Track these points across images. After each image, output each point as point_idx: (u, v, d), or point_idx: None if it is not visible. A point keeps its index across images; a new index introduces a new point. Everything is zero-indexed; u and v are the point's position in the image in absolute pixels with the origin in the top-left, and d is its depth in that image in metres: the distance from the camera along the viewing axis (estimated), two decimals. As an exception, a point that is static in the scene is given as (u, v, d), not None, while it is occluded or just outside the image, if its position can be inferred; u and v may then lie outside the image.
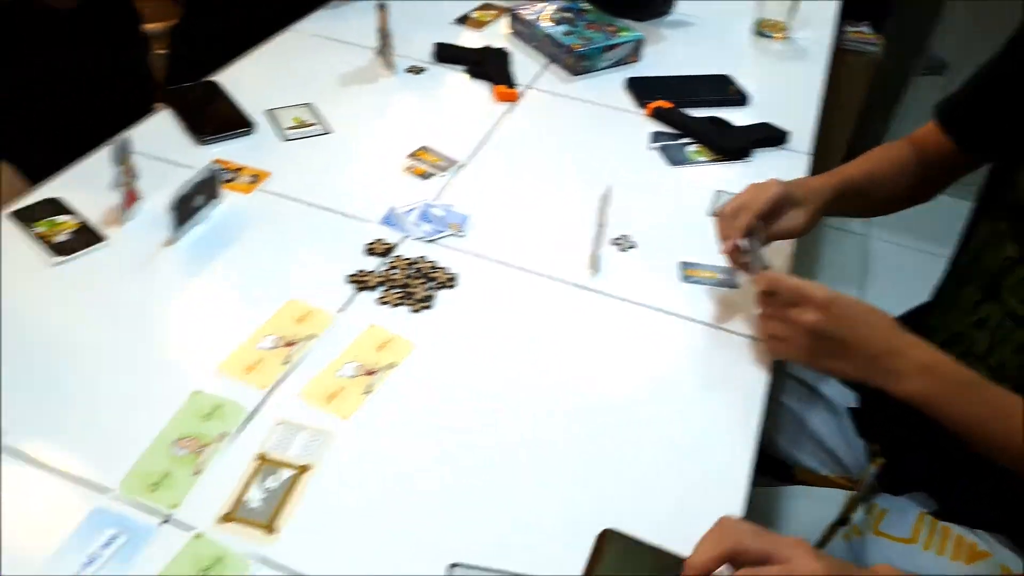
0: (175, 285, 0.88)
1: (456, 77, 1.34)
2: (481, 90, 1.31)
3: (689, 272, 0.97)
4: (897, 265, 2.41)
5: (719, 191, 1.12)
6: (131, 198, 0.95)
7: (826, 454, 1.10)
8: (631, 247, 1.01)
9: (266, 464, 0.70)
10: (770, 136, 1.23)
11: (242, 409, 0.74)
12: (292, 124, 1.15)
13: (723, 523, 0.61)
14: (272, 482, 0.69)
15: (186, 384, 0.76)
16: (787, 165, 1.19)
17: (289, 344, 0.81)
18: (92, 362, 0.78)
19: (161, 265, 0.90)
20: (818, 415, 1.05)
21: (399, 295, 0.89)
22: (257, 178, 1.04)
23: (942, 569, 0.85)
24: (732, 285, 0.96)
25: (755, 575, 0.58)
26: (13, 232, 0.92)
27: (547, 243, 1.00)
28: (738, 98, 1.33)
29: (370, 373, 0.79)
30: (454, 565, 0.63)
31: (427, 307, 0.88)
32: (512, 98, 1.28)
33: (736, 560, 0.60)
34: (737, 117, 1.26)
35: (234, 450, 0.71)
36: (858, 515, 0.97)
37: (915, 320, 1.09)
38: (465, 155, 1.14)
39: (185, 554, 0.63)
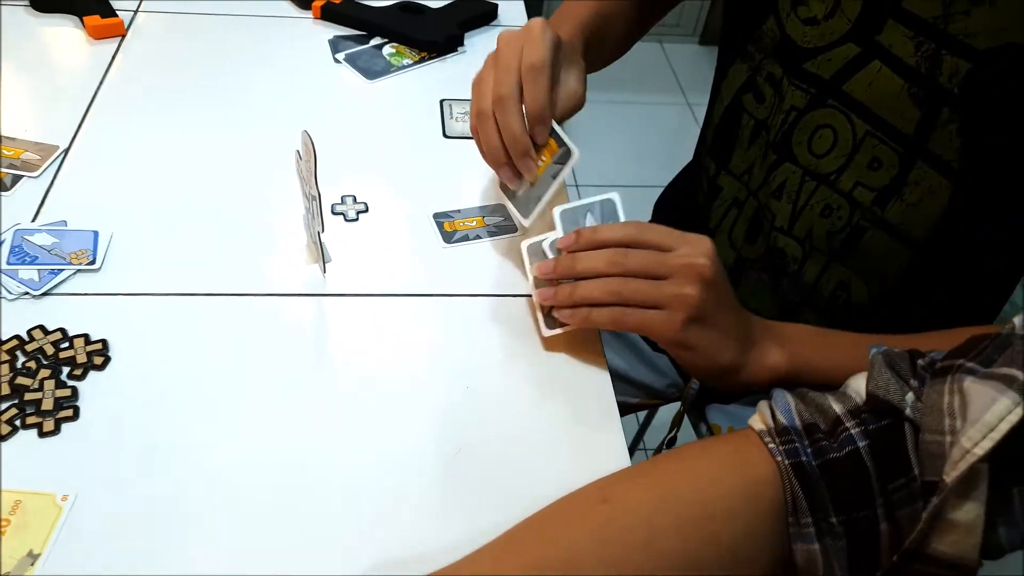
0: None
1: (16, 19, 0.88)
2: (64, 29, 0.88)
3: (448, 226, 0.69)
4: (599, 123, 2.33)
5: (444, 100, 0.84)
6: None
7: (635, 387, 0.93)
8: (361, 212, 0.70)
9: None
10: (476, 14, 0.96)
11: None
12: None
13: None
14: None
15: None
16: (511, 46, 0.94)
17: None
18: None
19: None
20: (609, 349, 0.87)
21: (10, 412, 0.52)
22: None
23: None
24: (510, 229, 0.70)
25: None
26: None
27: (236, 246, 0.66)
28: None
29: (-10, 592, 0.44)
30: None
31: (68, 417, 0.52)
32: (117, 31, 0.87)
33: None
34: (430, -3, 0.97)
35: None
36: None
37: (676, 203, 0.92)
38: (65, 134, 0.74)
39: None
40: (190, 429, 0.53)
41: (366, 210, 0.70)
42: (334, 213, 0.69)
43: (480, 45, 0.93)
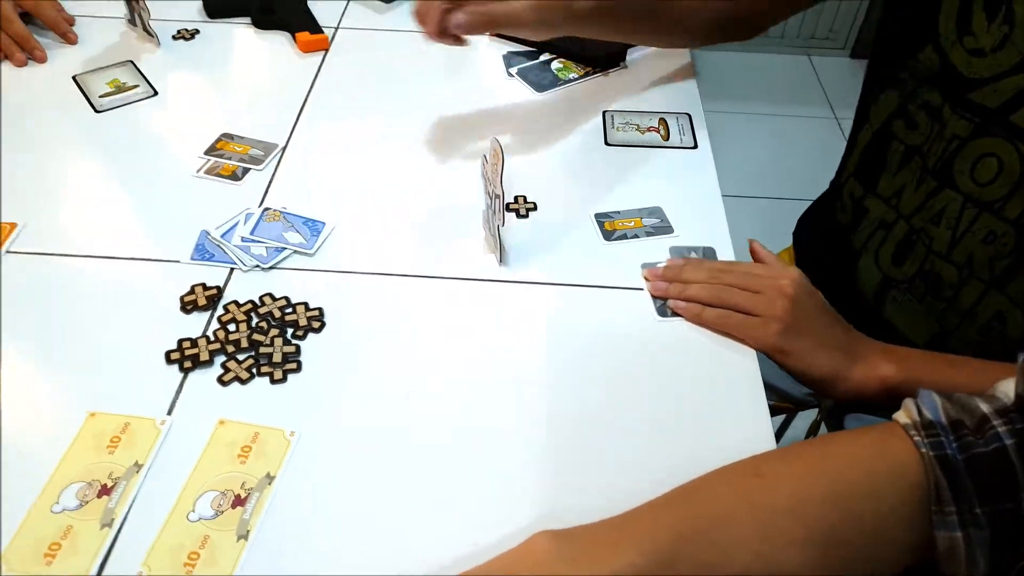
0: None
1: (241, 33, 1.03)
2: (278, 44, 1.01)
3: (609, 225, 0.76)
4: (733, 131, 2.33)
5: (607, 111, 0.91)
6: None
7: (772, 391, 0.96)
8: (530, 209, 0.79)
9: None
10: (640, 30, 1.03)
11: (55, 625, 0.48)
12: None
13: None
14: None
15: (-48, 610, 0.48)
16: (671, 62, 1.00)
17: (105, 490, 0.54)
18: None
19: None
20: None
21: (248, 362, 0.63)
22: (-6, 237, 0.73)
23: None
24: (666, 230, 0.76)
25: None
26: None
27: (425, 234, 0.76)
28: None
29: (239, 503, 0.54)
30: None
31: (293, 369, 0.63)
32: (322, 45, 1.00)
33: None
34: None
35: None
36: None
37: (817, 223, 0.94)
38: (282, 134, 0.87)
39: None
40: (385, 385, 0.62)
41: (535, 208, 0.78)
42: (507, 210, 0.78)
43: (641, 61, 0.99)
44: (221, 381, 0.62)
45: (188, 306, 0.67)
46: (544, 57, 0.99)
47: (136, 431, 0.58)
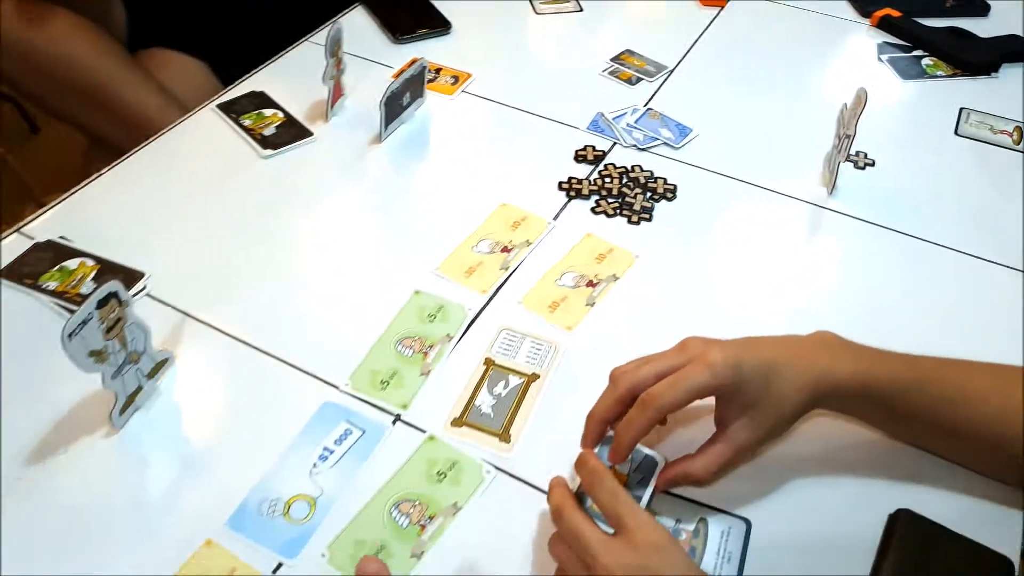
0: (386, 183, 0.86)
1: (655, -21, 1.23)
2: (684, -7, 1.20)
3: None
4: None
5: (963, 108, 0.99)
6: (337, 93, 0.92)
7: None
8: (868, 164, 0.90)
9: (494, 369, 0.67)
10: (1020, 50, 1.07)
11: (464, 312, 0.71)
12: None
13: None
14: (501, 388, 0.65)
15: (406, 284, 0.73)
16: (1043, 83, 1.04)
17: (505, 249, 0.77)
18: (310, 258, 0.77)
19: (370, 163, 0.88)
20: None
21: (615, 204, 0.83)
22: (458, 79, 1.00)
23: None
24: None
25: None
26: (221, 123, 0.91)
27: (770, 157, 0.91)
28: (979, 6, 1.17)
29: (591, 284, 0.74)
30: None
31: (646, 218, 0.82)
32: (720, 2, 1.17)
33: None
34: (977, 28, 1.11)
35: (459, 354, 0.68)
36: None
37: None
38: (672, 60, 1.05)
39: (421, 455, 0.60)
40: (709, 256, 0.79)
41: (873, 164, 0.90)
42: (847, 160, 0.90)
43: (1014, 77, 1.04)
44: (593, 211, 0.82)
45: (580, 158, 0.89)
46: (917, 53, 1.08)
47: (531, 222, 0.80)
